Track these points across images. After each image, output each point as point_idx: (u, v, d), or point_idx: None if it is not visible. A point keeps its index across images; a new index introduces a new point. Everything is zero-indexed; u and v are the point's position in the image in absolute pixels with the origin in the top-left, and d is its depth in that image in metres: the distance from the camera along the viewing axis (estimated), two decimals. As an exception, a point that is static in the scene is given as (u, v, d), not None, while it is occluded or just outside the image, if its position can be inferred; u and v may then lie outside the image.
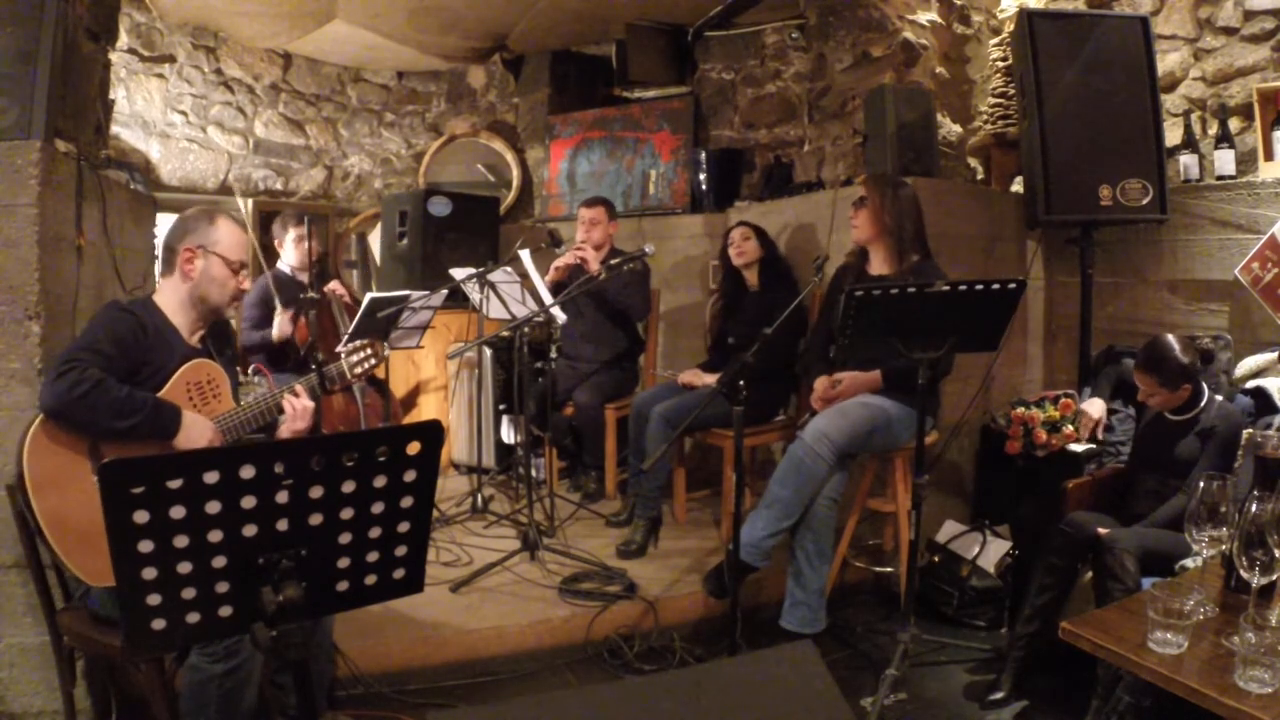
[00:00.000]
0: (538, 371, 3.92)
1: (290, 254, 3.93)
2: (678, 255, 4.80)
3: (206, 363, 2.07)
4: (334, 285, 3.99)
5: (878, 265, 3.02)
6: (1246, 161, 3.27)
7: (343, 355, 2.34)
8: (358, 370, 2.34)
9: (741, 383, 2.24)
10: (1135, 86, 3.28)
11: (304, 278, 3.83)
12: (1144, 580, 2.12)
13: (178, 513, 1.11)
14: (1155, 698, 1.93)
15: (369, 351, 2.38)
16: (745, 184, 5.07)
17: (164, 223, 4.83)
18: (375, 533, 1.28)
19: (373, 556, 1.30)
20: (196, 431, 1.93)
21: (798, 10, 4.68)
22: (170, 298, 2.06)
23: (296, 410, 2.10)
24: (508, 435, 4.43)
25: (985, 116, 4.24)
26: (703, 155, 4.98)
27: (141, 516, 1.09)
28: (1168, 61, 3.59)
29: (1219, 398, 2.52)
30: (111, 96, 2.98)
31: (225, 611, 1.20)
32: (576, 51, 5.77)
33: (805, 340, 3.42)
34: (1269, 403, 2.71)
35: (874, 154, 3.65)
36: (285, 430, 2.12)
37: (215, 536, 1.14)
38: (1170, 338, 2.45)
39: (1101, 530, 2.35)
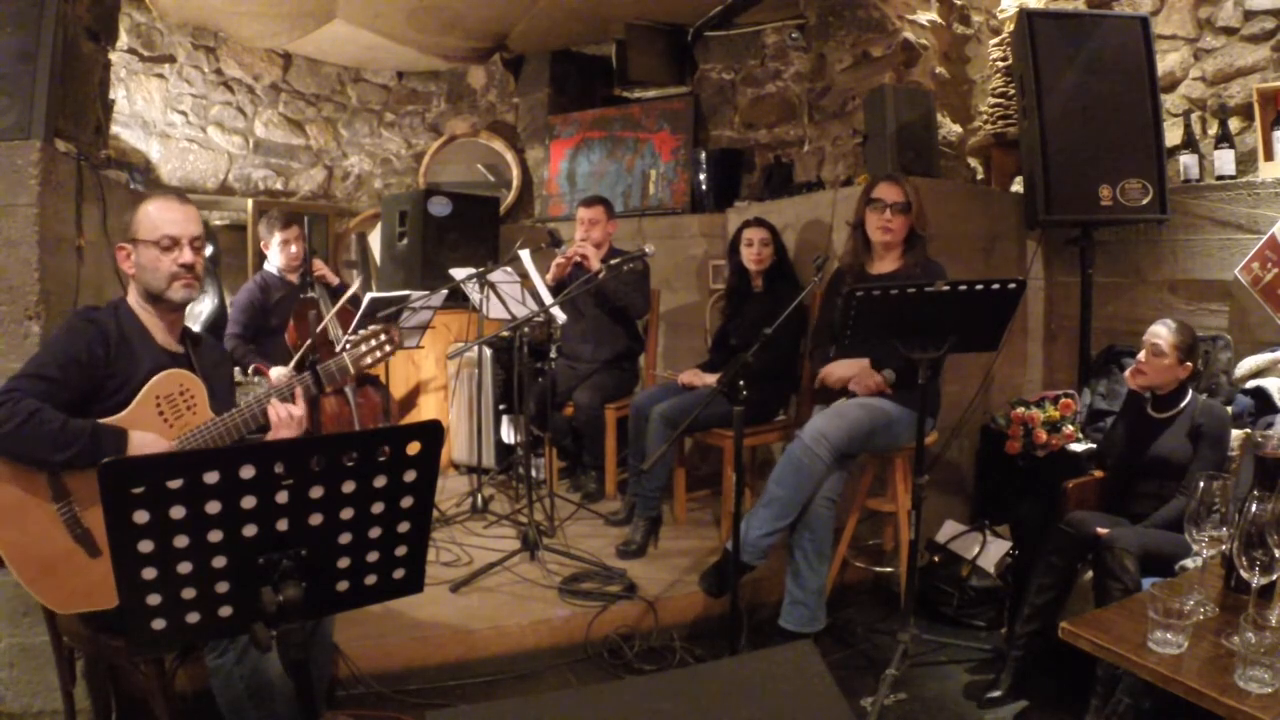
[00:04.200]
0: (538, 371, 3.92)
1: (276, 257, 3.88)
2: (677, 255, 4.80)
3: (178, 373, 1.92)
4: (314, 262, 3.86)
5: (889, 264, 2.97)
6: (1246, 161, 3.27)
7: (346, 347, 2.04)
8: (366, 361, 2.03)
9: (741, 383, 2.24)
10: (1135, 86, 3.28)
11: (292, 279, 3.83)
12: (1144, 580, 2.13)
13: (178, 513, 1.11)
14: (1155, 700, 1.93)
15: (380, 339, 2.05)
16: (745, 184, 5.07)
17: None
18: (375, 533, 1.29)
19: (373, 556, 1.30)
20: None
21: (798, 10, 4.68)
22: (134, 298, 1.98)
23: (281, 418, 1.88)
24: (508, 435, 4.43)
25: (985, 116, 4.24)
26: (703, 155, 4.98)
27: (141, 516, 1.09)
28: (1168, 61, 3.59)
29: (1202, 396, 2.53)
30: (111, 96, 2.98)
31: (225, 611, 1.21)
32: (576, 51, 5.77)
33: (805, 342, 3.42)
34: (1269, 403, 2.72)
35: (874, 154, 3.64)
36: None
37: (215, 536, 1.15)
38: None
39: (1101, 530, 2.35)
